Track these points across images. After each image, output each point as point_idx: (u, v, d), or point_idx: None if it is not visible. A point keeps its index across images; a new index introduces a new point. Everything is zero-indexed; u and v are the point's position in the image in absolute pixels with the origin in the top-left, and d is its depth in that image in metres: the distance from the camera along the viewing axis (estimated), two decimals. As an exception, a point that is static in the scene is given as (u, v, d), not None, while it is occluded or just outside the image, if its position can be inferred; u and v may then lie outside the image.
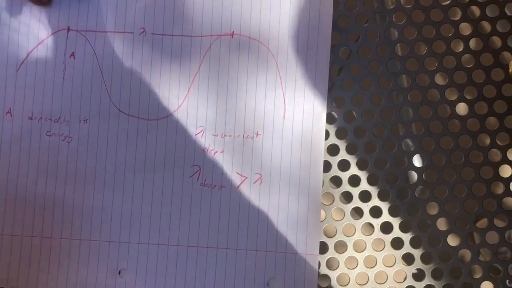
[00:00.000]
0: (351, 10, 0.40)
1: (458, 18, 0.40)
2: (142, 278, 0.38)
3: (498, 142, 0.40)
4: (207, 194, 0.38)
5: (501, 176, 0.40)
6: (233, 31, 0.39)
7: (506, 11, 0.40)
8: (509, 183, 0.40)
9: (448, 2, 0.40)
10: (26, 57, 0.39)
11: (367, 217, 0.40)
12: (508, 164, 0.40)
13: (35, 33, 0.39)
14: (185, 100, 0.39)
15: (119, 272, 0.38)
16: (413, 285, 0.39)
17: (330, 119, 0.40)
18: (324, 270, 0.39)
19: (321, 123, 0.39)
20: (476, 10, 0.40)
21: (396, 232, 0.40)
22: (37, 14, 0.39)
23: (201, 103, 0.39)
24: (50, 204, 0.39)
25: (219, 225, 0.38)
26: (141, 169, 0.39)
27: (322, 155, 0.39)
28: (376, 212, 0.40)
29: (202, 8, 0.39)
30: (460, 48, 0.40)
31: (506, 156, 0.40)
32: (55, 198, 0.39)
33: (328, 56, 0.39)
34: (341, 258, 0.40)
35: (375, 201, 0.40)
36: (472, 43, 0.40)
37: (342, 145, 0.40)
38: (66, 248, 0.39)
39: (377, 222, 0.40)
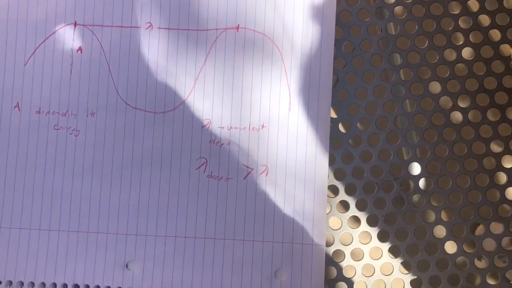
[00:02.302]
0: (353, 6, 0.41)
1: (457, 12, 0.41)
2: (149, 270, 0.38)
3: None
4: (213, 186, 0.39)
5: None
6: (239, 25, 0.39)
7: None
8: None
9: (448, -3, 0.41)
10: (34, 51, 0.39)
11: (371, 210, 0.40)
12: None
13: (42, 28, 0.39)
14: (192, 93, 0.39)
15: (127, 265, 0.39)
16: None
17: (334, 112, 0.40)
18: (330, 261, 0.40)
19: (326, 115, 0.39)
20: (474, 5, 0.41)
21: (400, 223, 0.40)
22: (44, 9, 0.39)
23: (207, 96, 0.39)
24: (57, 197, 0.39)
25: (226, 216, 0.38)
26: (148, 161, 0.39)
27: (327, 147, 0.39)
28: (380, 203, 0.40)
29: (207, 2, 0.39)
30: (461, 41, 0.41)
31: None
32: (63, 192, 0.39)
33: (332, 50, 0.39)
34: (347, 250, 0.40)
35: (379, 194, 0.40)
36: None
37: (346, 138, 0.40)
38: (74, 240, 0.39)
39: (381, 214, 0.40)
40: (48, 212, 0.39)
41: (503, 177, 0.40)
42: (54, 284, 0.39)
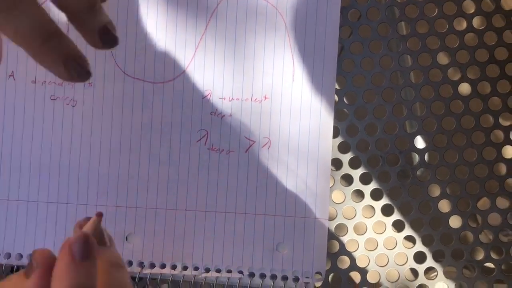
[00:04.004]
0: (360, -28, 0.39)
1: (469, -21, 0.39)
2: (149, 243, 0.38)
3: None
4: (215, 159, 0.38)
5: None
6: (241, -9, 0.38)
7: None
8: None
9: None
10: (28, 18, 0.38)
11: (375, 183, 0.39)
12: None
13: (37, -7, 0.38)
14: (192, 62, 0.38)
15: (126, 238, 0.38)
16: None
17: (339, 83, 0.39)
18: (333, 235, 0.39)
19: (331, 86, 0.38)
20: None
21: (405, 197, 0.39)
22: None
23: (208, 65, 0.38)
24: (55, 169, 0.38)
25: (227, 189, 0.38)
26: (148, 133, 0.38)
27: (332, 119, 0.38)
28: (385, 177, 0.39)
29: (208, -33, 0.38)
30: (471, 9, 0.39)
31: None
32: (60, 163, 0.38)
33: (338, 18, 0.38)
34: (350, 224, 0.39)
35: (383, 167, 0.39)
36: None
37: (350, 110, 0.39)
38: (72, 213, 0.38)
39: (386, 188, 0.39)
40: (46, 184, 0.38)
41: (511, 151, 0.39)
42: (54, 257, 0.38)
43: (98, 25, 0.28)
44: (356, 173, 0.39)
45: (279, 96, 0.38)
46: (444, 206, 0.39)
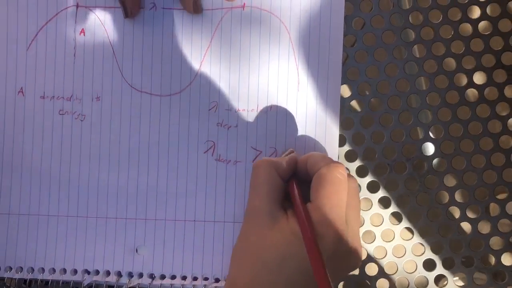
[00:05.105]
0: (364, -20, 0.39)
1: (474, -16, 0.39)
2: (159, 254, 0.38)
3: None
4: (222, 169, 0.38)
5: None
6: (244, 3, 0.38)
7: None
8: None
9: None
10: (36, 35, 0.38)
11: (383, 191, 0.39)
12: None
13: (43, 10, 0.38)
14: (198, 75, 0.38)
15: (136, 250, 0.38)
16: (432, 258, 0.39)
17: (344, 91, 0.39)
18: (341, 244, 0.39)
19: (336, 95, 0.38)
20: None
21: (413, 205, 0.39)
22: (45, -9, 0.38)
23: (214, 77, 0.38)
24: (65, 182, 0.39)
25: (235, 199, 0.38)
26: (155, 145, 0.38)
27: (337, 128, 0.38)
28: (392, 185, 0.39)
29: (212, -20, 0.38)
30: (477, 14, 0.39)
31: None
32: (70, 177, 0.39)
33: (342, 27, 0.38)
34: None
35: (391, 175, 0.39)
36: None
37: (356, 118, 0.39)
38: (83, 226, 0.39)
39: (394, 196, 0.39)
40: (56, 198, 0.39)
41: (520, 156, 0.39)
42: (64, 270, 0.39)
43: None
44: (364, 181, 0.39)
45: (284, 106, 0.38)
46: (453, 213, 0.39)
